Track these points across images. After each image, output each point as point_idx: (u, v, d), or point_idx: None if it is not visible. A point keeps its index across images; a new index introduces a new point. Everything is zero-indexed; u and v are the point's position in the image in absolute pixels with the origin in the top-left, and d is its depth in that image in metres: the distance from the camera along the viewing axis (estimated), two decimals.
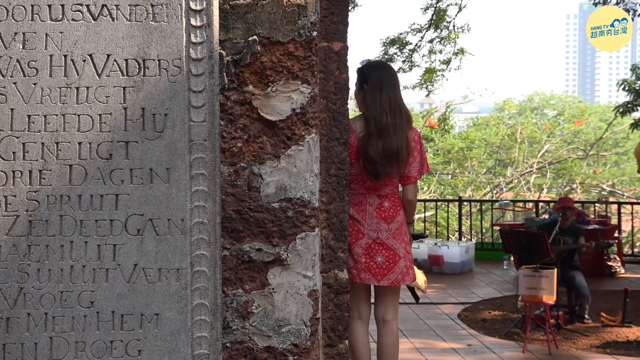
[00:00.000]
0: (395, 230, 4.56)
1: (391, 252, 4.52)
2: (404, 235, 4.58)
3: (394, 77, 4.71)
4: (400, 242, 4.55)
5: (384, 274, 4.51)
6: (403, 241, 4.57)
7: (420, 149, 4.67)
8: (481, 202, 19.19)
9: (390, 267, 4.51)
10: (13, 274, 3.09)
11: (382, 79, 4.60)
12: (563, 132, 27.79)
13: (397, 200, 4.64)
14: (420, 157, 4.65)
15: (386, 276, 4.51)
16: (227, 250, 3.30)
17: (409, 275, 4.59)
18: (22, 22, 3.11)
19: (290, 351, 3.33)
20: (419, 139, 4.67)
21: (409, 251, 4.62)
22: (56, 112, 3.11)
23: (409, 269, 4.59)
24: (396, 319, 4.77)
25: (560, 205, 9.30)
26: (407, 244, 4.60)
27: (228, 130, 3.30)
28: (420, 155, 4.66)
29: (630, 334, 8.38)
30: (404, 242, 4.57)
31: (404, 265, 4.53)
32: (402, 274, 4.55)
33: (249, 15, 3.29)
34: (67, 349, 3.11)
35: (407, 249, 4.59)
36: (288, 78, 3.32)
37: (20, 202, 3.09)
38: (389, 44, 14.54)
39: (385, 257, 4.52)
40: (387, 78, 4.62)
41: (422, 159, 4.67)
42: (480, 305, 9.94)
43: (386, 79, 4.61)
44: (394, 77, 4.69)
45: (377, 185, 4.58)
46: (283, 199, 3.33)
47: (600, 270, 11.89)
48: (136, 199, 3.12)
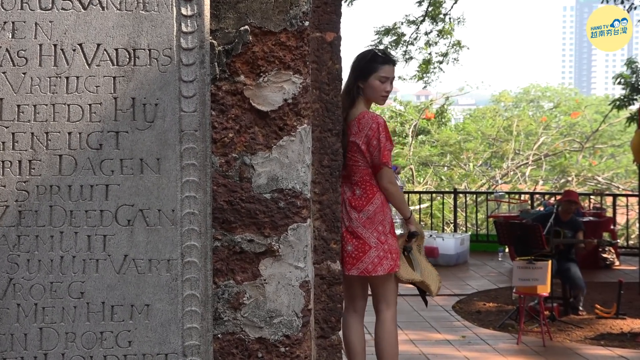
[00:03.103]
0: (367, 219, 4.45)
1: (360, 242, 4.42)
2: (377, 225, 4.45)
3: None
4: (371, 231, 4.43)
5: (353, 263, 4.42)
6: (376, 230, 4.44)
7: (378, 137, 4.48)
8: (476, 194, 19.19)
9: (359, 256, 4.41)
10: (2, 264, 3.07)
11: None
12: (559, 124, 27.79)
13: (371, 189, 4.52)
14: (379, 146, 4.48)
15: (355, 265, 4.42)
16: (218, 241, 3.29)
17: (381, 266, 4.44)
18: (12, 11, 3.09)
19: (281, 342, 3.32)
20: (377, 127, 4.50)
21: (384, 241, 4.46)
22: (46, 101, 3.09)
23: (382, 259, 4.44)
24: (390, 310, 4.68)
25: (566, 198, 9.28)
26: (381, 234, 4.46)
27: (219, 121, 3.28)
28: (378, 142, 4.49)
29: (624, 326, 8.39)
30: (376, 231, 4.44)
31: (375, 255, 4.42)
32: (372, 264, 4.42)
33: (241, 5, 3.27)
34: (57, 339, 3.10)
35: (380, 239, 4.44)
36: (280, 68, 3.31)
37: (9, 193, 3.08)
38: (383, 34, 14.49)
39: (354, 246, 4.43)
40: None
41: (382, 147, 4.48)
42: (474, 297, 9.95)
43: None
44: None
45: (347, 172, 4.52)
46: (275, 190, 3.31)
47: (595, 262, 11.91)
48: (126, 190, 3.11)
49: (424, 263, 4.78)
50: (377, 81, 4.55)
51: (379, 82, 4.55)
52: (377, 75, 4.56)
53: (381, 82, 4.56)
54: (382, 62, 4.62)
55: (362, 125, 4.47)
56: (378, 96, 4.59)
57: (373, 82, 4.55)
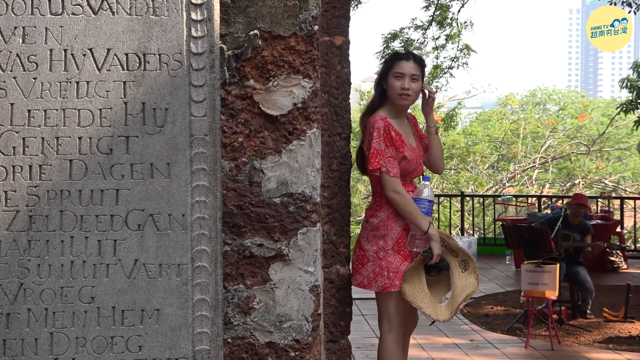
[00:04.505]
0: (370, 230, 4.18)
1: (362, 253, 4.18)
2: (378, 239, 4.15)
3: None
4: (372, 244, 4.15)
5: (353, 274, 4.16)
6: (376, 244, 4.14)
7: (370, 142, 4.15)
8: (483, 197, 19.16)
9: (358, 268, 4.17)
10: (13, 269, 3.08)
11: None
12: (566, 127, 27.75)
13: (379, 200, 4.21)
14: (369, 151, 4.15)
15: (354, 276, 4.16)
16: (228, 246, 3.29)
17: (375, 282, 4.14)
18: (22, 16, 3.10)
19: (291, 347, 3.32)
20: (372, 131, 4.16)
21: (382, 257, 4.13)
22: (56, 106, 3.09)
23: (378, 276, 4.13)
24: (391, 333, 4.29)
25: (575, 201, 9.26)
26: (381, 249, 4.13)
27: (229, 125, 3.28)
28: (369, 147, 4.16)
29: (632, 329, 8.36)
30: (376, 245, 4.14)
31: (370, 270, 4.13)
32: (368, 279, 4.15)
33: (250, 9, 3.28)
34: (67, 344, 3.10)
35: (378, 255, 4.13)
36: (289, 72, 3.31)
37: (20, 197, 3.08)
38: (391, 39, 14.49)
39: (357, 256, 4.20)
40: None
41: (370, 153, 4.13)
42: (482, 301, 9.93)
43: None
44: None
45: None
46: (284, 194, 3.31)
47: (602, 265, 11.88)
48: (137, 194, 3.11)
49: (461, 282, 4.21)
50: (393, 78, 4.28)
51: (394, 79, 4.28)
52: (392, 72, 4.28)
53: (397, 79, 4.30)
54: (396, 58, 4.36)
55: (366, 131, 4.21)
56: (395, 95, 4.20)
57: (390, 80, 4.30)
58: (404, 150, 4.19)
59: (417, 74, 4.25)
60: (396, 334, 4.30)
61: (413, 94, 4.27)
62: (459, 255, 4.24)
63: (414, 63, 4.27)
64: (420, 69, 4.30)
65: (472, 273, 4.22)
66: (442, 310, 4.18)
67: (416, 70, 4.24)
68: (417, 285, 4.16)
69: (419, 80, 4.28)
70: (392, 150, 4.16)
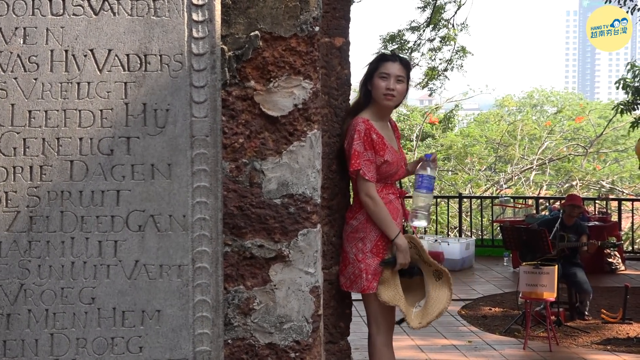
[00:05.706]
0: (350, 232, 4.14)
1: (344, 254, 4.14)
2: (357, 241, 4.12)
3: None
4: (351, 246, 4.12)
5: (339, 275, 4.15)
6: (355, 247, 4.11)
7: (351, 144, 4.09)
8: (481, 198, 19.16)
9: (341, 268, 4.14)
10: (14, 270, 3.08)
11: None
12: (563, 128, 27.77)
13: (358, 202, 4.17)
14: (349, 153, 4.09)
15: (339, 278, 4.13)
16: (228, 247, 3.29)
17: (356, 284, 4.10)
18: (23, 16, 3.09)
19: (291, 348, 3.32)
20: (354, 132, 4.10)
21: (361, 260, 4.10)
22: (57, 107, 3.09)
23: (357, 278, 4.09)
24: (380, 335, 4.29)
25: (570, 202, 9.26)
26: (360, 252, 4.11)
27: (230, 126, 3.28)
28: (350, 148, 4.10)
29: (630, 331, 8.37)
30: (355, 247, 4.11)
31: (351, 272, 4.10)
32: (350, 280, 4.10)
33: (251, 10, 3.28)
34: (68, 345, 3.10)
35: (357, 257, 4.10)
36: (290, 73, 3.31)
37: (20, 198, 3.08)
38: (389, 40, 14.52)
39: (341, 257, 4.15)
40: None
41: (351, 154, 4.08)
42: (480, 302, 9.94)
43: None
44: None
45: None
46: (285, 195, 3.31)
47: (600, 267, 11.88)
48: (137, 195, 3.11)
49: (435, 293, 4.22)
50: (378, 79, 4.28)
51: (379, 79, 4.29)
52: (378, 73, 4.30)
53: (382, 79, 4.31)
54: (382, 59, 4.39)
55: (348, 132, 4.12)
56: (380, 95, 4.19)
57: (375, 80, 4.30)
58: (384, 153, 4.17)
59: (402, 76, 4.27)
60: (384, 335, 4.30)
61: (398, 95, 4.27)
62: (432, 265, 4.23)
63: (399, 65, 4.28)
64: (405, 71, 4.31)
65: (446, 284, 4.21)
66: (412, 317, 4.17)
67: (402, 71, 4.25)
68: (392, 288, 4.16)
69: (404, 82, 4.29)
70: (370, 154, 4.12)
